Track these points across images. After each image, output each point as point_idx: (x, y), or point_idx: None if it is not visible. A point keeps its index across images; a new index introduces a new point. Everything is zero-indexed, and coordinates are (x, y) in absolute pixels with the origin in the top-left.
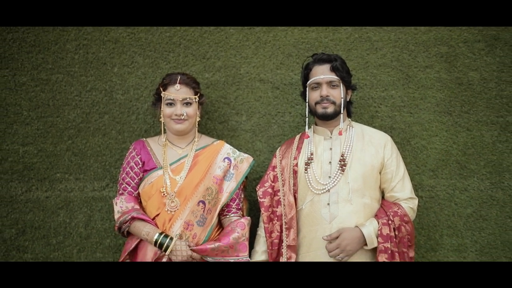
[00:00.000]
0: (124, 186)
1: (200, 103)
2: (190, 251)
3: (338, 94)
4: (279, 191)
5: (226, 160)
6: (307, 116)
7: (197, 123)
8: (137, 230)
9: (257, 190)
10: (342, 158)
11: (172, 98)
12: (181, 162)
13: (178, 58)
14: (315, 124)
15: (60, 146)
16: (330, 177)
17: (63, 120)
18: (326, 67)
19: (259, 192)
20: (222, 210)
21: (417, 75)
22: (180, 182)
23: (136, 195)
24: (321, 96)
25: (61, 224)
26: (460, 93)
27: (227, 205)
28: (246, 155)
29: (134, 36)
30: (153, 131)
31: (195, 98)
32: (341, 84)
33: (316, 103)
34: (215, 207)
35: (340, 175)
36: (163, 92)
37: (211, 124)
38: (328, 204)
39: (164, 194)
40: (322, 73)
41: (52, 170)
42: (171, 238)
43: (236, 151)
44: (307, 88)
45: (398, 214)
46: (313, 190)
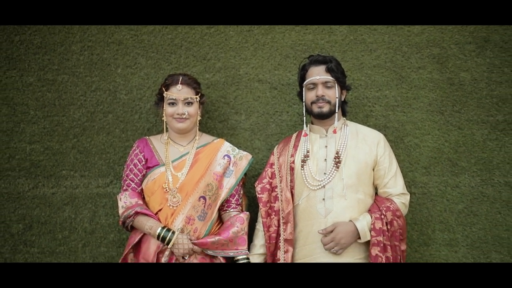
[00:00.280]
0: (128, 182)
1: (201, 103)
2: (191, 245)
3: (333, 94)
4: (276, 187)
5: (226, 157)
6: (304, 115)
7: (198, 122)
8: (140, 224)
9: (255, 186)
10: (337, 156)
11: (174, 98)
12: (182, 159)
13: (180, 60)
14: (311, 123)
15: (65, 144)
16: (325, 173)
17: (68, 119)
18: (322, 68)
19: (258, 188)
20: (222, 205)
21: (410, 76)
22: (181, 178)
23: (139, 191)
24: (317, 96)
25: (66, 220)
26: (451, 93)
27: (227, 200)
28: (245, 153)
29: (137, 38)
30: (155, 129)
31: (196, 98)
32: (336, 84)
33: (312, 102)
34: (215, 202)
35: (335, 171)
36: (165, 92)
37: (211, 123)
38: (324, 200)
39: (166, 190)
40: (318, 74)
41: (58, 167)
42: (173, 232)
43: (236, 148)
44: (304, 88)
45: (391, 209)
46: (309, 186)
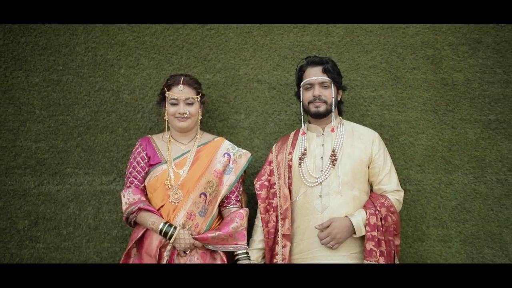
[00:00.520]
0: (131, 179)
1: (201, 103)
2: (192, 240)
3: (330, 94)
4: (275, 184)
5: (226, 155)
6: (302, 114)
7: (199, 121)
8: (143, 220)
9: (254, 183)
10: (333, 154)
11: (175, 98)
12: (184, 157)
13: (181, 60)
14: (309, 122)
15: (70, 143)
16: (322, 171)
17: (73, 118)
18: (318, 69)
19: (257, 185)
20: (222, 201)
21: (405, 76)
22: (183, 175)
23: (142, 188)
24: (313, 96)
25: (71, 216)
26: (445, 93)
27: (227, 197)
28: (245, 151)
29: (140, 39)
30: (157, 128)
31: (197, 98)
32: (332, 84)
33: (309, 102)
34: (215, 199)
35: (331, 169)
36: (167, 92)
37: (212, 122)
38: (320, 196)
39: (168, 187)
40: (315, 74)
41: (62, 165)
42: (175, 228)
43: (235, 147)
44: (301, 89)
45: (385, 205)
46: (306, 183)
